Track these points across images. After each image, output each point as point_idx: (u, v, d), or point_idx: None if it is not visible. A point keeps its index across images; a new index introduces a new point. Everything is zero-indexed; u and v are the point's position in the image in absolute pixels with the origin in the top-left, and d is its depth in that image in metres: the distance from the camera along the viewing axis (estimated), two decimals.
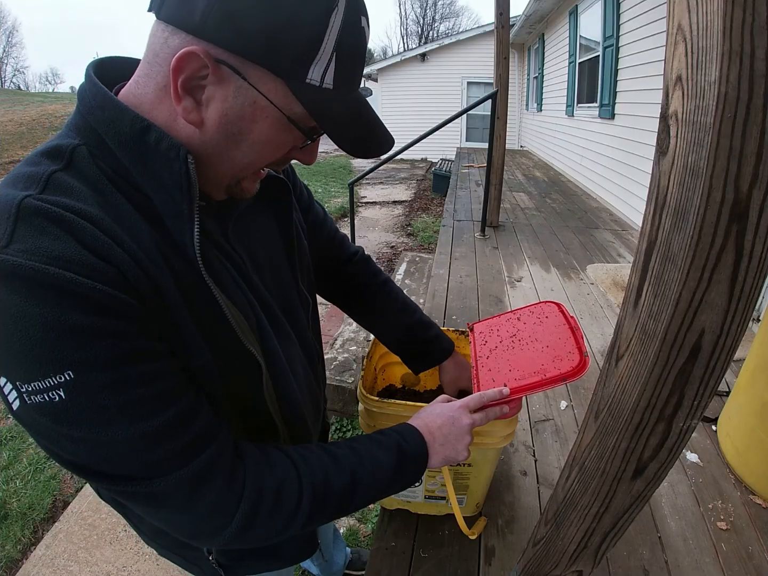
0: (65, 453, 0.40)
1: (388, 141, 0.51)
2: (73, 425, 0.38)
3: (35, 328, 0.35)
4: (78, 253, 0.37)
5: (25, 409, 0.38)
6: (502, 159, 3.42)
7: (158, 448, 0.42)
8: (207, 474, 0.45)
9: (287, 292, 0.65)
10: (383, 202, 7.15)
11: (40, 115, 13.39)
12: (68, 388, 0.37)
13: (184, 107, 0.42)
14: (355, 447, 0.58)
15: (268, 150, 0.47)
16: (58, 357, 0.36)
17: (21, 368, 0.36)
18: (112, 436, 0.39)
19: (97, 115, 0.43)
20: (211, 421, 0.47)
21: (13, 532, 1.81)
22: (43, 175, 0.40)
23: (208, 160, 0.46)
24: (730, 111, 0.32)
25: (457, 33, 12.01)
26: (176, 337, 0.44)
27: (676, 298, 0.39)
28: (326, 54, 0.41)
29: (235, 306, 0.50)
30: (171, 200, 0.44)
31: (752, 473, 1.24)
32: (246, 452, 0.50)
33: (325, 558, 1.28)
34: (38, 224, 0.37)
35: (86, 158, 0.43)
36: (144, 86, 0.44)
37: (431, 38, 30.02)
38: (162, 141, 0.42)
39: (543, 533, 0.71)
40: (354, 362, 2.44)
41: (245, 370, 0.52)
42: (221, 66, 0.40)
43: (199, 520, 0.47)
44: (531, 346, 0.78)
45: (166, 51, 0.41)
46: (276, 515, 0.50)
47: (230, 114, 0.43)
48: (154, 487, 0.42)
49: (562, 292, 2.55)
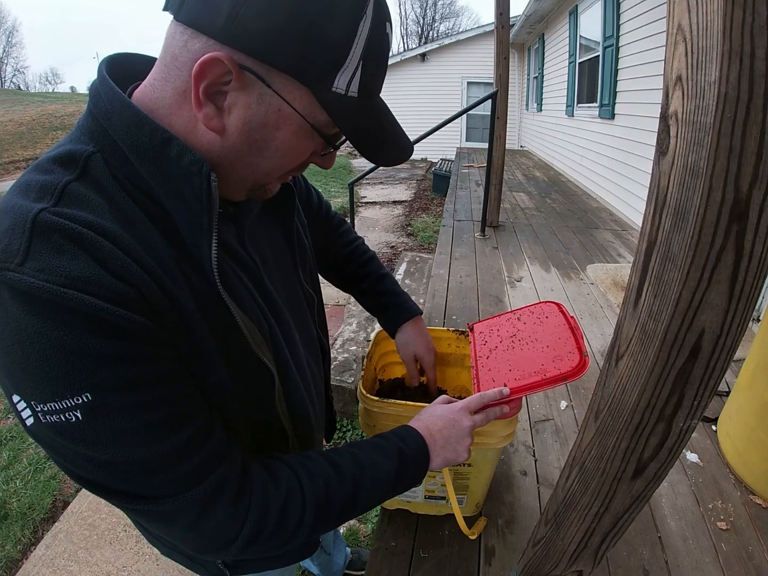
0: (79, 470, 0.40)
1: (408, 149, 0.50)
2: (89, 445, 0.38)
3: (53, 351, 0.35)
4: (96, 274, 0.36)
5: (39, 427, 0.37)
6: (502, 159, 3.42)
7: (173, 469, 0.42)
8: (217, 493, 0.45)
9: (293, 291, 0.65)
10: (383, 202, 7.15)
11: (40, 115, 13.40)
12: (85, 410, 0.37)
13: (205, 114, 0.41)
14: (356, 454, 0.58)
15: (289, 156, 0.46)
16: (77, 379, 0.36)
17: (37, 388, 0.36)
18: (127, 457, 0.39)
19: (114, 122, 0.42)
20: (223, 440, 0.47)
21: (13, 532, 1.81)
22: (57, 185, 0.39)
23: (230, 166, 0.46)
24: (730, 111, 0.32)
25: (457, 33, 12.01)
26: (195, 355, 0.44)
27: (676, 298, 0.39)
28: (353, 62, 0.40)
29: (249, 318, 0.50)
30: (190, 213, 0.43)
31: (752, 473, 1.23)
32: (252, 469, 0.50)
33: (327, 552, 1.28)
34: (55, 242, 0.36)
35: (101, 167, 0.41)
36: (161, 90, 0.42)
37: (431, 38, 30.02)
38: (184, 155, 0.41)
39: (543, 533, 0.71)
40: (354, 362, 2.44)
41: (258, 381, 0.52)
42: (245, 72, 0.39)
43: (207, 538, 0.47)
44: (531, 346, 0.78)
45: (186, 55, 0.39)
46: (281, 529, 0.50)
47: (253, 121, 0.42)
48: (166, 506, 0.42)
49: (562, 292, 2.55)
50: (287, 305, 0.62)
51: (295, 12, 0.37)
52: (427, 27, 33.92)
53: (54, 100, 17.08)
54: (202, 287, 0.45)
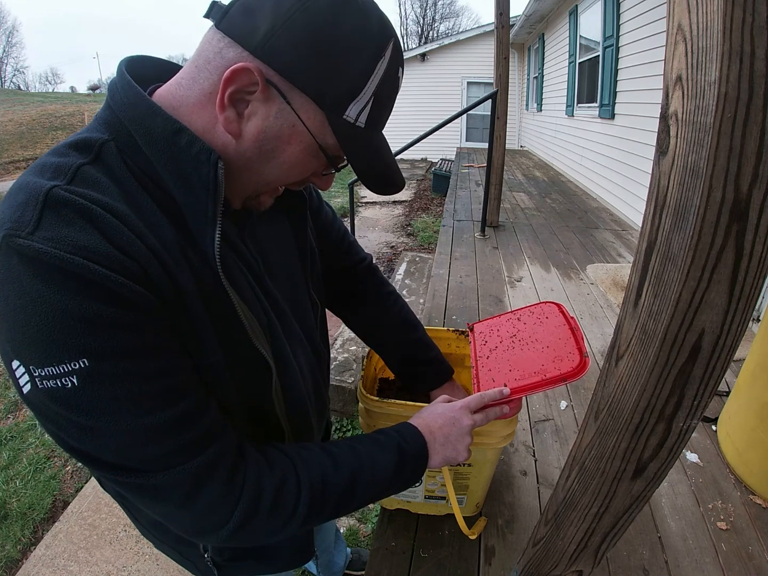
0: (71, 439, 0.41)
1: (401, 181, 0.55)
2: (82, 413, 0.39)
3: (55, 314, 0.36)
4: (102, 246, 0.38)
5: (35, 393, 0.38)
6: (502, 159, 3.42)
7: (163, 442, 0.42)
8: (209, 471, 0.45)
9: (298, 294, 0.66)
10: (383, 202, 7.15)
11: (40, 115, 13.41)
12: (82, 376, 0.37)
13: (226, 117, 0.44)
14: (355, 447, 0.58)
15: (293, 171, 0.50)
16: (75, 344, 0.37)
17: (36, 352, 0.37)
18: (119, 427, 0.40)
19: (129, 113, 0.44)
20: (218, 420, 0.47)
21: (13, 532, 1.81)
22: (71, 167, 0.41)
23: (237, 171, 0.48)
24: (730, 111, 0.32)
25: (457, 33, 12.00)
26: (191, 335, 0.45)
27: (676, 298, 0.39)
28: (366, 96, 0.45)
29: (249, 308, 0.51)
30: (196, 201, 0.45)
31: (752, 473, 1.24)
32: (247, 452, 0.50)
33: (320, 562, 1.28)
34: (65, 214, 0.38)
35: (114, 154, 0.44)
36: (188, 89, 0.45)
37: (431, 38, 30.02)
38: (193, 144, 0.43)
39: (543, 533, 0.71)
40: (354, 362, 2.44)
41: (255, 371, 0.52)
42: (270, 87, 0.43)
43: (198, 517, 0.47)
44: (531, 347, 0.78)
45: (219, 61, 0.43)
46: (274, 515, 0.50)
47: (268, 132, 0.45)
48: (156, 481, 0.43)
49: (562, 292, 2.55)
50: (291, 305, 0.62)
51: (327, 44, 0.41)
52: (427, 27, 33.93)
53: (54, 100, 17.09)
54: (204, 272, 0.46)
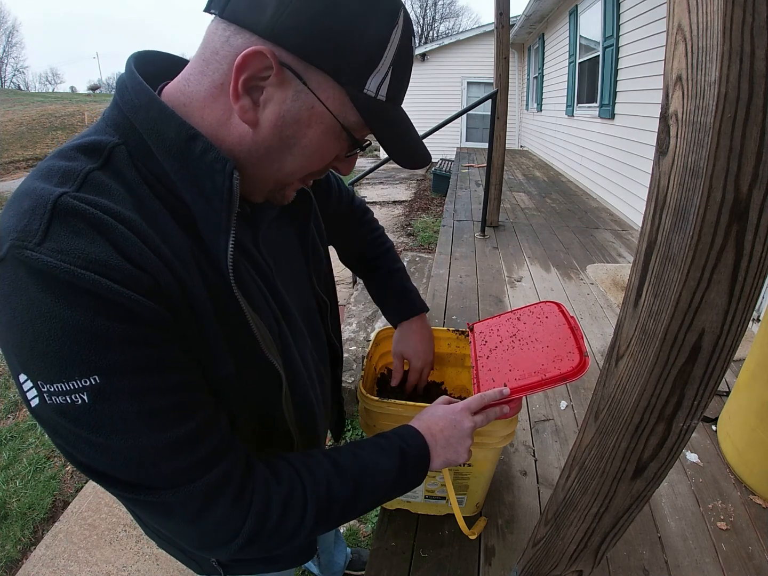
0: (80, 455, 0.40)
1: (428, 155, 0.52)
2: (92, 430, 0.38)
3: (65, 330, 0.35)
4: (113, 259, 0.36)
5: (44, 408, 0.37)
6: (502, 159, 3.41)
7: (174, 460, 0.42)
8: (219, 488, 0.45)
9: (305, 296, 0.66)
10: (383, 202, 7.14)
11: (40, 115, 13.41)
12: (93, 393, 0.36)
13: (241, 106, 0.42)
14: (358, 453, 0.58)
15: (316, 156, 0.47)
16: (86, 361, 0.36)
17: (45, 368, 0.36)
18: (130, 444, 0.39)
19: (141, 116, 0.42)
20: (227, 434, 0.47)
21: (13, 532, 1.81)
22: (80, 172, 0.39)
23: (257, 162, 0.46)
24: (730, 111, 0.32)
25: (457, 33, 12.00)
26: (203, 346, 0.44)
27: (676, 298, 0.39)
28: (384, 66, 0.43)
29: (260, 318, 0.50)
30: (210, 209, 0.44)
31: (752, 473, 1.23)
32: (255, 466, 0.50)
33: (321, 562, 1.28)
34: (74, 225, 0.36)
35: (125, 159, 0.42)
36: (196, 84, 0.43)
37: (431, 38, 30.05)
38: (208, 152, 0.42)
39: (543, 533, 0.71)
40: (354, 362, 2.44)
41: (266, 381, 0.52)
42: (284, 69, 0.41)
43: (207, 533, 0.46)
44: (531, 346, 0.78)
45: (228, 49, 0.41)
46: (281, 528, 0.50)
47: (287, 117, 0.43)
48: (166, 498, 0.42)
49: (562, 292, 2.55)
50: (298, 309, 0.62)
51: (337, 14, 0.39)
52: (427, 27, 33.94)
53: (54, 100, 17.09)
54: (216, 283, 0.45)
